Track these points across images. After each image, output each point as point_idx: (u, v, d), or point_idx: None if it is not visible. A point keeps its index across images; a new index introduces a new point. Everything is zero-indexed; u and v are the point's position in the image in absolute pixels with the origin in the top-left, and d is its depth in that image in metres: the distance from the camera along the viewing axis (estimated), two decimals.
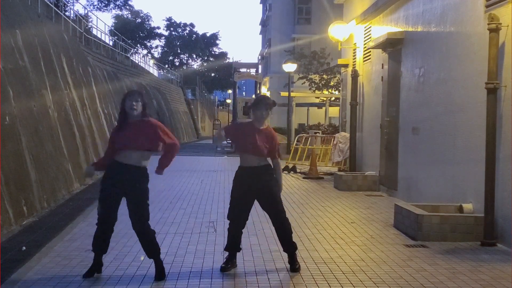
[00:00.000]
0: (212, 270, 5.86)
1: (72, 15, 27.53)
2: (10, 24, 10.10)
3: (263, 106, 5.83)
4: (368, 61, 13.60)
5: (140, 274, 5.64)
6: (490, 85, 7.14)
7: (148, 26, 62.50)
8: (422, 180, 9.83)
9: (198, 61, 67.82)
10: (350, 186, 12.33)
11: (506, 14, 7.08)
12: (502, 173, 7.07)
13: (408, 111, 10.67)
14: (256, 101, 5.97)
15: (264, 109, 5.82)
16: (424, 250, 6.87)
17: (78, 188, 11.75)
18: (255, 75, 30.33)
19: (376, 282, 5.50)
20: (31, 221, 8.30)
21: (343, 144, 15.30)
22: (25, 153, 8.96)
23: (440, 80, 9.14)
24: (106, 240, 5.66)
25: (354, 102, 14.14)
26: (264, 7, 58.45)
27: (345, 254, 6.58)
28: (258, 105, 5.86)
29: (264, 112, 5.82)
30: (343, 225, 8.34)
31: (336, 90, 29.54)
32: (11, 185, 8.03)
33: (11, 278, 5.42)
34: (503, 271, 5.95)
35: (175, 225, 8.11)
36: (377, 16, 12.79)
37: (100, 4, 46.70)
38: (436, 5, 9.41)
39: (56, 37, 14.23)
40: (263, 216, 9.00)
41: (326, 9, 36.84)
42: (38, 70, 11.20)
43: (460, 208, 7.87)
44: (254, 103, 5.94)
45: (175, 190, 11.89)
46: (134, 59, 42.40)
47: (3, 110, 8.40)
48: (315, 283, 5.44)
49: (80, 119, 14.06)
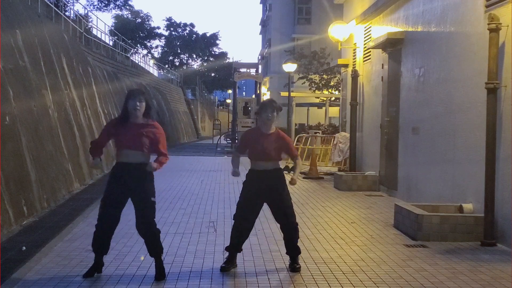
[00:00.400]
0: (212, 270, 5.86)
1: (72, 15, 27.54)
2: (10, 24, 10.10)
3: (269, 110, 5.77)
4: (368, 61, 13.60)
5: (140, 274, 5.64)
6: (490, 85, 7.14)
7: (148, 26, 62.48)
8: (422, 180, 9.83)
9: (198, 61, 67.83)
10: (350, 186, 12.33)
11: (506, 14, 7.08)
12: (502, 173, 7.07)
13: (408, 111, 10.67)
14: (263, 105, 5.92)
15: (270, 112, 5.76)
16: (424, 250, 6.87)
17: (78, 188, 11.75)
18: (255, 75, 30.26)
19: (376, 282, 5.50)
20: (31, 221, 8.30)
21: (343, 144, 15.30)
22: (25, 153, 8.96)
23: (440, 80, 9.14)
24: (105, 241, 5.65)
25: (354, 102, 14.14)
26: (264, 7, 58.45)
27: (345, 254, 6.58)
28: (264, 109, 5.80)
29: (270, 115, 5.76)
30: (343, 225, 8.34)
31: (336, 90, 29.54)
32: (11, 185, 8.03)
33: (11, 278, 5.42)
34: (503, 271, 5.95)
35: (175, 225, 8.11)
36: (377, 16, 12.79)
37: (100, 4, 46.66)
38: (436, 5, 9.41)
39: (56, 37, 14.24)
40: (263, 216, 9.00)
41: (326, 9, 36.86)
42: (38, 70, 11.20)
43: (460, 208, 7.87)
44: (261, 107, 5.88)
45: (175, 190, 11.90)
46: (134, 59, 42.41)
47: (3, 110, 8.40)
48: (315, 283, 5.44)
49: (80, 119, 14.06)
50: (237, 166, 6.02)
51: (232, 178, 14.08)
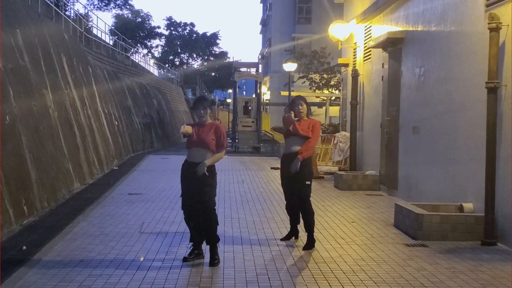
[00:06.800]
0: (212, 270, 5.87)
1: (72, 14, 27.53)
2: (10, 24, 10.10)
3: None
4: (369, 61, 13.60)
5: (141, 274, 5.64)
6: (491, 85, 7.14)
7: (149, 25, 62.44)
8: (422, 180, 9.83)
9: (199, 60, 67.79)
10: (350, 186, 12.33)
11: (506, 14, 7.07)
12: (502, 172, 7.07)
13: (409, 111, 10.67)
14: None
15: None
16: (425, 249, 6.87)
17: (78, 187, 11.76)
18: (256, 74, 30.23)
19: (376, 281, 5.50)
20: (31, 220, 8.31)
21: (343, 144, 15.30)
22: (25, 152, 8.96)
23: (441, 80, 9.14)
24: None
25: (355, 102, 14.14)
26: (264, 6, 58.45)
27: (345, 254, 6.58)
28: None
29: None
30: (343, 225, 8.34)
31: (336, 89, 29.53)
32: (11, 185, 8.03)
33: (11, 278, 5.42)
34: (503, 271, 5.95)
35: (175, 225, 8.11)
36: (378, 16, 12.79)
37: (100, 3, 46.65)
38: (436, 5, 9.40)
39: (56, 37, 14.23)
40: (263, 216, 9.02)
41: (327, 9, 36.85)
42: (38, 69, 11.20)
43: (461, 208, 7.87)
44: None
45: (175, 189, 11.89)
46: (134, 59, 42.36)
47: (4, 109, 8.40)
48: (316, 282, 5.44)
49: (81, 119, 14.06)
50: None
51: (232, 178, 14.09)
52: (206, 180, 6.05)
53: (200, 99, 6.36)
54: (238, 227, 8.07)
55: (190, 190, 6.12)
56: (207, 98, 6.53)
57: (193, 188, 6.08)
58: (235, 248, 6.76)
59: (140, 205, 9.78)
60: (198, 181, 6.03)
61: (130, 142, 22.22)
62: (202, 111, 6.19)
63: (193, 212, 6.17)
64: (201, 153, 6.11)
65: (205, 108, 6.19)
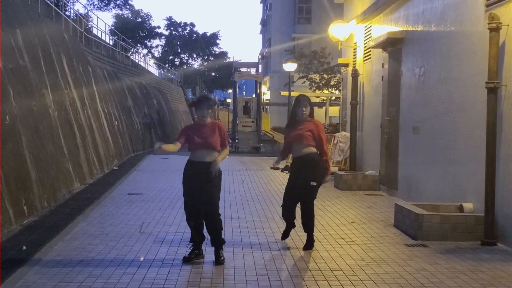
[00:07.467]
0: (212, 270, 5.87)
1: (72, 14, 27.52)
2: (10, 24, 10.10)
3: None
4: (369, 61, 13.60)
5: (141, 274, 5.64)
6: (491, 85, 7.14)
7: (149, 25, 62.42)
8: (422, 180, 9.83)
9: (199, 60, 67.78)
10: (350, 186, 12.33)
11: (506, 14, 7.07)
12: (502, 172, 7.07)
13: (409, 111, 10.67)
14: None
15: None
16: (425, 249, 6.87)
17: (78, 187, 11.75)
18: (256, 74, 30.21)
19: (376, 281, 5.50)
20: (31, 220, 8.30)
21: (343, 144, 15.30)
22: (25, 152, 8.96)
23: (441, 80, 9.14)
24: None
25: (355, 102, 14.14)
26: (264, 6, 58.44)
27: (345, 254, 6.58)
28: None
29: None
30: (343, 225, 8.34)
31: (336, 89, 29.53)
32: (11, 185, 8.03)
33: (11, 278, 5.42)
34: (503, 271, 5.95)
35: (175, 225, 8.11)
36: (378, 16, 12.79)
37: (100, 3, 46.65)
38: (436, 5, 9.40)
39: (56, 37, 14.23)
40: (263, 216, 9.02)
41: (327, 9, 36.85)
42: (38, 69, 11.20)
43: (461, 208, 7.87)
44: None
45: (175, 189, 11.88)
46: (134, 59, 42.33)
47: (3, 109, 8.40)
48: (316, 282, 5.44)
49: (81, 119, 14.06)
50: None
51: (232, 178, 14.10)
52: (212, 181, 6.04)
53: (205, 99, 6.31)
54: (238, 227, 8.07)
55: (193, 189, 6.11)
56: (211, 98, 6.51)
57: (196, 187, 6.07)
58: (235, 248, 6.76)
59: (140, 205, 9.78)
60: (203, 181, 6.02)
61: (130, 142, 22.21)
62: (205, 111, 6.16)
63: (194, 212, 6.17)
64: (207, 153, 6.11)
65: (208, 108, 6.17)
